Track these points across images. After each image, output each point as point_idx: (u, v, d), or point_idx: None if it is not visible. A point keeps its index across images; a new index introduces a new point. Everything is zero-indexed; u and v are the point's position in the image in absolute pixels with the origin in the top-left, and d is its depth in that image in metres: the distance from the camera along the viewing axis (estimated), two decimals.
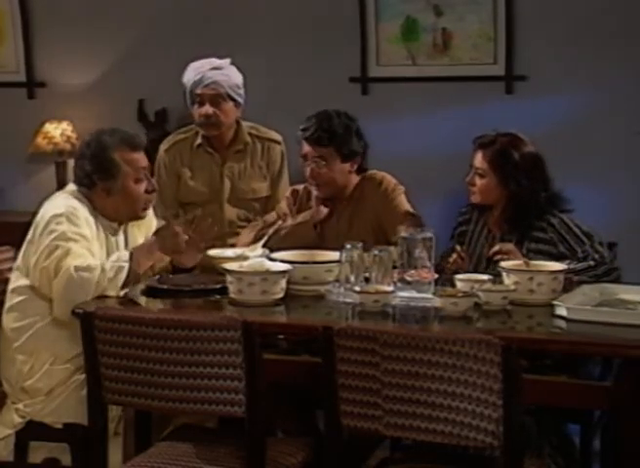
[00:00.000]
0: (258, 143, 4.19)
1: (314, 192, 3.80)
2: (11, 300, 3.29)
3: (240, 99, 4.10)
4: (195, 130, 4.15)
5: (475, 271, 3.39)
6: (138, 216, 3.44)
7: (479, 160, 3.56)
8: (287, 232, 3.69)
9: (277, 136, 4.23)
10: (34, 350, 3.24)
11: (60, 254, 3.15)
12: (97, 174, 3.30)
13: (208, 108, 4.03)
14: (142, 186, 3.37)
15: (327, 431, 2.73)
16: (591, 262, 3.37)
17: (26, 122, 5.37)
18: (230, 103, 4.07)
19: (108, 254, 3.33)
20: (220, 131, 4.09)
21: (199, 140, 4.13)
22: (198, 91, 4.04)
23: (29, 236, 3.29)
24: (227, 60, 4.13)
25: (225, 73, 4.07)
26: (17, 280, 3.29)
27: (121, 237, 3.43)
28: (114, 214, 3.37)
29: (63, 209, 3.24)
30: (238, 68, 4.11)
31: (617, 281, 3.33)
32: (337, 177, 3.77)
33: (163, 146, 4.20)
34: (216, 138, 4.13)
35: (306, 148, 3.76)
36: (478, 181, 3.57)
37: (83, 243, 3.19)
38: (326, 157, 3.74)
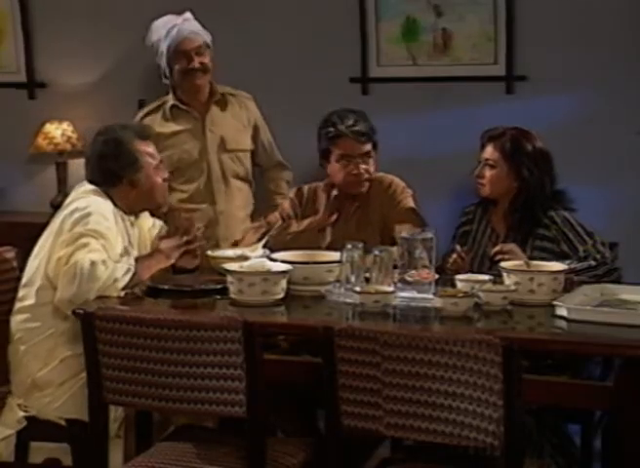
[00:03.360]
0: (233, 99, 4.25)
1: (333, 192, 3.79)
2: (22, 301, 3.29)
3: (211, 45, 4.18)
4: (162, 101, 4.14)
5: (479, 271, 3.40)
6: (159, 206, 3.55)
7: (490, 151, 3.59)
8: (291, 238, 3.69)
9: (248, 95, 4.29)
10: (48, 349, 3.24)
11: (77, 246, 3.17)
12: (123, 169, 3.39)
13: (196, 60, 4.07)
14: (160, 176, 3.47)
15: (327, 431, 2.73)
16: (592, 262, 3.37)
17: (27, 122, 5.36)
18: (208, 49, 4.14)
19: (133, 246, 3.40)
20: (208, 79, 4.13)
21: (171, 102, 4.13)
22: (181, 47, 4.07)
23: (45, 235, 3.32)
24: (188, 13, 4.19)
25: (195, 23, 4.15)
26: (31, 283, 3.29)
27: (136, 230, 3.49)
28: (135, 206, 3.46)
29: (88, 208, 3.27)
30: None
31: (617, 281, 3.34)
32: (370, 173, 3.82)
33: (136, 119, 4.19)
34: (194, 93, 4.14)
35: (353, 146, 3.74)
36: (488, 173, 3.58)
37: (100, 240, 3.22)
38: (370, 152, 3.75)
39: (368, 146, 3.76)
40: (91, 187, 3.41)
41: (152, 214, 3.62)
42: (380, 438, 3.08)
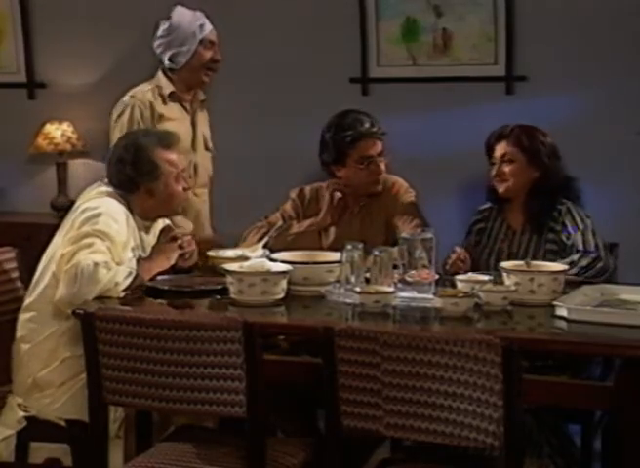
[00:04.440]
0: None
1: (337, 195, 3.79)
2: (29, 299, 3.30)
3: None
4: (155, 84, 4.15)
5: (495, 267, 3.39)
6: (174, 214, 3.57)
7: (504, 148, 3.62)
8: (291, 239, 3.70)
9: None
10: (50, 349, 3.24)
11: (81, 246, 3.16)
12: (140, 177, 3.37)
13: (218, 55, 4.13)
14: (181, 185, 3.45)
15: (327, 431, 2.73)
16: (574, 257, 3.40)
17: (27, 123, 5.37)
18: None
19: (146, 252, 3.41)
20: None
21: (169, 89, 4.14)
22: (211, 37, 4.13)
23: (57, 235, 3.32)
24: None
25: None
26: (40, 281, 3.29)
27: (152, 236, 3.48)
28: (151, 213, 3.45)
29: (99, 208, 3.26)
30: None
31: (602, 272, 3.35)
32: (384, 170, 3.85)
33: (130, 94, 4.16)
34: (192, 88, 4.16)
35: (374, 146, 3.77)
36: (507, 168, 3.61)
37: (106, 242, 3.21)
38: (384, 151, 3.79)
39: (382, 145, 3.80)
40: (106, 189, 3.40)
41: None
42: (379, 438, 3.08)
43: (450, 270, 3.43)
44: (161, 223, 3.54)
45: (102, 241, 3.19)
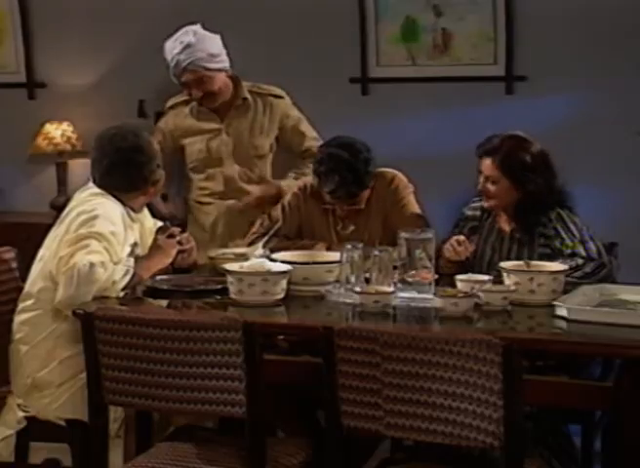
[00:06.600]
0: (259, 100, 4.14)
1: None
2: (25, 301, 3.30)
3: (223, 65, 4.02)
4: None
5: (488, 269, 3.38)
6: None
7: (488, 167, 3.50)
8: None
9: (279, 91, 4.18)
10: (48, 349, 3.24)
11: (78, 247, 3.17)
12: (153, 173, 3.43)
13: (196, 92, 4.00)
14: None
15: (327, 431, 2.73)
16: (579, 260, 3.37)
17: (27, 123, 5.37)
18: (216, 73, 4.00)
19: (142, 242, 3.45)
20: (218, 101, 4.06)
21: (194, 102, 4.10)
22: (182, 79, 3.99)
23: (51, 238, 3.32)
24: (197, 28, 4.02)
25: (199, 48, 3.96)
26: (35, 283, 3.29)
27: (138, 224, 3.49)
28: (144, 204, 3.50)
29: (95, 211, 3.27)
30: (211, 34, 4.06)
31: (606, 278, 3.33)
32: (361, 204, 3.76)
33: (166, 107, 4.20)
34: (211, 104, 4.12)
35: (326, 197, 3.70)
36: (491, 187, 3.52)
37: (103, 242, 3.21)
38: (356, 200, 3.71)
39: (352, 200, 3.70)
40: (97, 190, 3.39)
41: (154, 216, 3.63)
42: (379, 438, 3.08)
43: (450, 258, 3.41)
44: (150, 220, 3.55)
45: (99, 242, 3.19)
